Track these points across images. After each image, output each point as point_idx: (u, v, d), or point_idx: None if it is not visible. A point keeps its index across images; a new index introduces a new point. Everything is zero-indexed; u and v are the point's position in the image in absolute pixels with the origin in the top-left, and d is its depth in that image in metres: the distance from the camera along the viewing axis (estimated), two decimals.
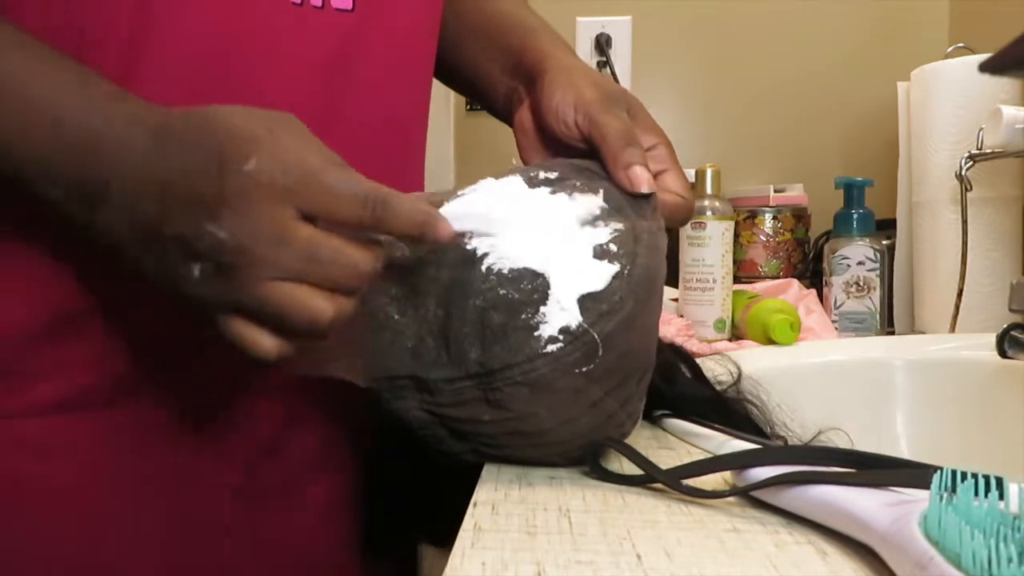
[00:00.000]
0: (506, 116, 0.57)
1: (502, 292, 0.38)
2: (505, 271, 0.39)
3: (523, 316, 0.38)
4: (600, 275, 0.39)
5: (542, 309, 0.38)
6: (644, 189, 0.43)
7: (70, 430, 0.46)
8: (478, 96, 0.61)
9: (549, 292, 0.38)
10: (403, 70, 0.54)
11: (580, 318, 0.37)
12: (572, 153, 0.49)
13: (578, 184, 0.43)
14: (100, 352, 0.46)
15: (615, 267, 0.39)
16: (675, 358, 0.54)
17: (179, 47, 0.43)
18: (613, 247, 0.40)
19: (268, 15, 0.46)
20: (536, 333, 0.37)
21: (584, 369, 0.38)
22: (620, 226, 0.41)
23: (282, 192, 0.34)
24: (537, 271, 0.39)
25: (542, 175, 0.43)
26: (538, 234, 0.40)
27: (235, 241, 0.34)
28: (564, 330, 0.37)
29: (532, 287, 0.38)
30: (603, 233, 0.41)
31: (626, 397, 0.41)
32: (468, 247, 0.40)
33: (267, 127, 0.36)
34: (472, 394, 0.39)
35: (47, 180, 0.38)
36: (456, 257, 0.40)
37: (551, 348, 0.37)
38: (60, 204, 0.39)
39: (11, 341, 0.44)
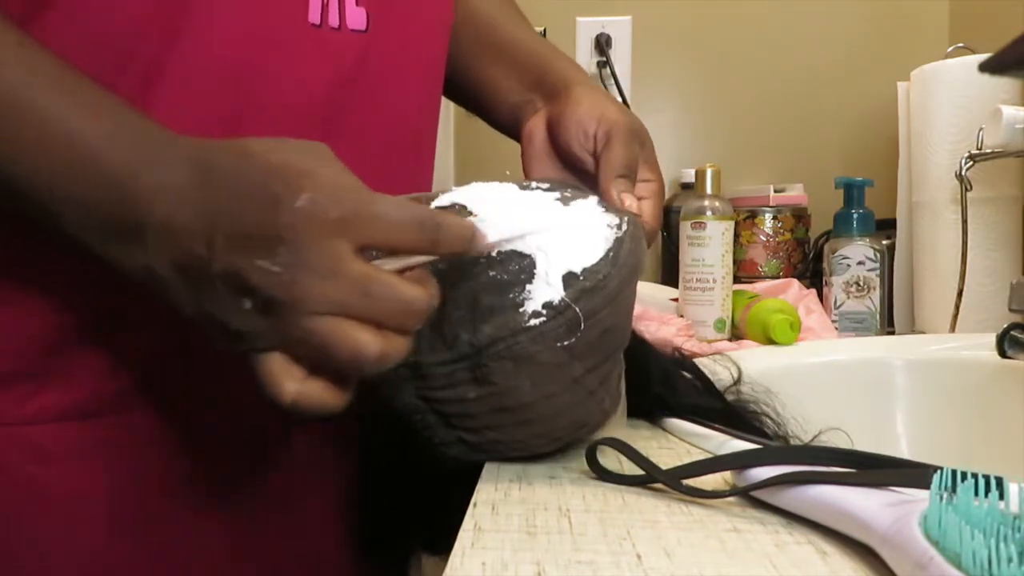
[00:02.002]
0: (510, 124, 0.59)
1: (492, 274, 0.40)
2: (495, 254, 0.40)
3: (511, 295, 0.39)
4: (587, 254, 0.40)
5: (528, 287, 0.39)
6: (629, 208, 0.46)
7: (79, 436, 0.46)
8: (477, 102, 0.62)
9: (535, 270, 0.39)
10: (414, 88, 0.55)
11: (563, 293, 0.38)
12: (575, 168, 0.52)
13: (568, 191, 0.46)
14: (110, 359, 0.46)
15: (602, 247, 0.40)
16: (681, 369, 0.54)
17: (203, 64, 0.44)
18: (601, 229, 0.42)
19: (289, 35, 0.47)
20: (521, 309, 0.38)
21: (566, 343, 0.38)
22: (609, 213, 0.44)
23: (336, 225, 0.33)
24: (525, 252, 0.40)
25: (535, 184, 0.47)
26: (529, 216, 0.42)
27: (288, 276, 0.33)
28: (547, 305, 0.38)
29: (520, 267, 0.40)
30: (592, 216, 0.43)
31: (606, 375, 0.42)
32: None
33: (309, 159, 0.35)
34: (462, 376, 0.39)
35: (79, 218, 0.37)
36: None
37: (534, 322, 0.38)
38: (93, 244, 0.38)
39: (24, 348, 0.45)
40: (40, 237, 0.44)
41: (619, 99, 1.16)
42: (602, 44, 1.22)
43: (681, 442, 0.48)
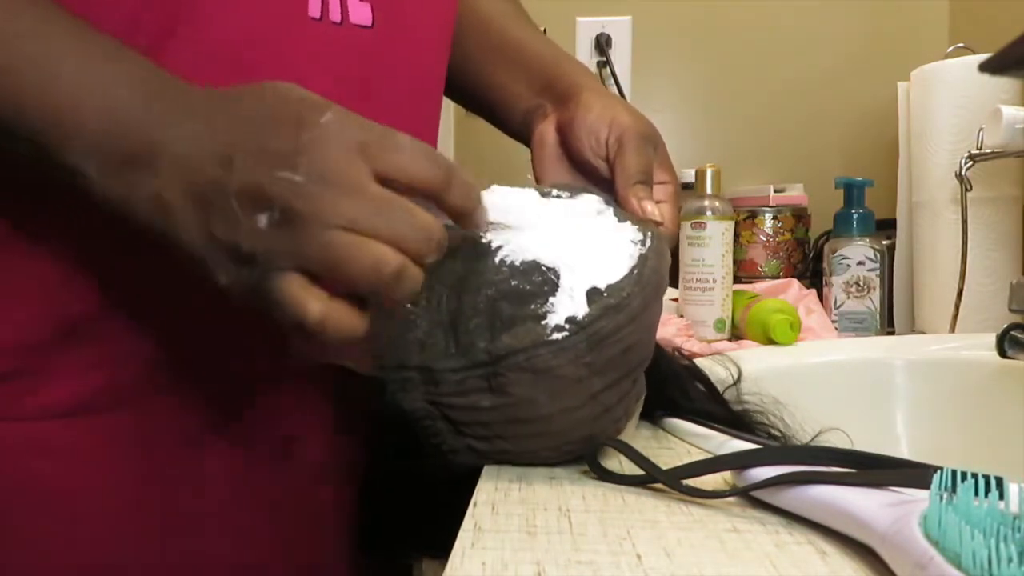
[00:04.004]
0: (520, 129, 0.59)
1: (514, 283, 0.39)
2: (518, 263, 0.40)
3: (532, 306, 0.39)
4: (611, 271, 0.40)
5: (551, 299, 0.39)
6: (652, 218, 0.46)
7: (83, 432, 0.46)
8: (490, 109, 0.62)
9: (559, 283, 0.39)
10: (418, 85, 0.55)
11: (588, 309, 0.38)
12: (585, 171, 0.52)
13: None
14: (115, 355, 0.46)
15: (626, 264, 0.40)
16: (692, 376, 0.54)
17: (199, 58, 0.44)
18: (625, 245, 0.41)
19: (288, 29, 0.46)
20: (543, 322, 0.38)
21: (587, 359, 0.38)
22: (632, 227, 0.43)
23: (358, 146, 0.34)
24: (549, 264, 0.40)
25: (555, 192, 0.46)
26: (553, 228, 0.42)
27: (310, 187, 0.33)
28: (571, 320, 0.38)
29: (543, 279, 0.39)
30: (616, 231, 0.43)
31: (624, 392, 0.41)
32: (483, 240, 0.41)
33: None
34: (475, 383, 0.39)
35: (86, 151, 0.36)
36: (470, 250, 0.41)
37: (556, 336, 0.38)
38: (97, 178, 0.37)
39: (26, 344, 0.44)
40: (42, 232, 0.44)
41: None
42: (602, 44, 1.22)
43: (681, 442, 0.48)
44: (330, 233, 0.33)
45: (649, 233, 0.43)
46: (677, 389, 0.52)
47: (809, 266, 1.09)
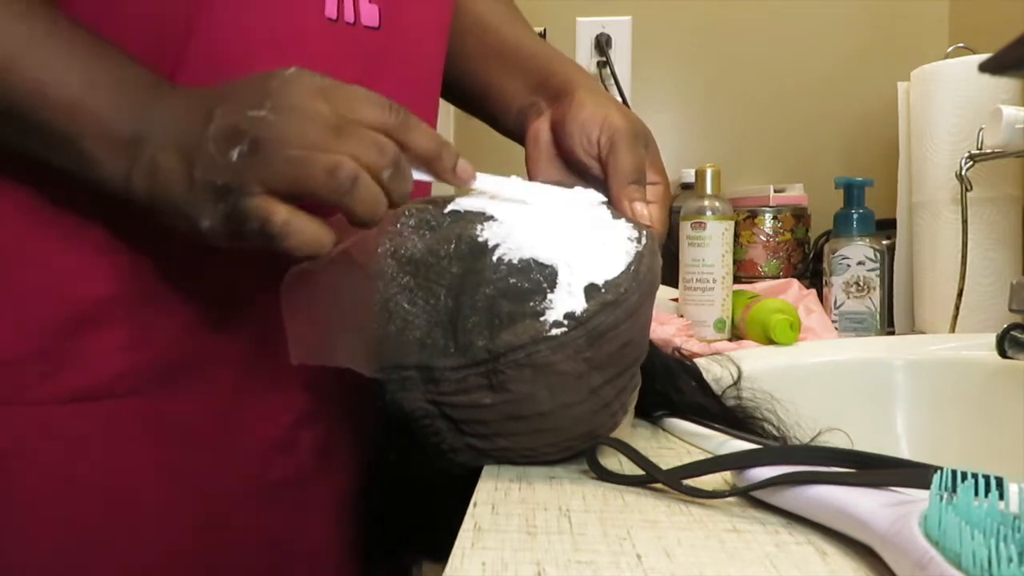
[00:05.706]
0: (514, 128, 0.59)
1: (512, 281, 0.40)
2: (515, 261, 0.40)
3: (531, 303, 0.39)
4: (609, 267, 0.40)
5: (549, 296, 0.39)
6: (643, 221, 0.47)
7: (97, 418, 0.46)
8: (485, 108, 0.63)
9: (557, 280, 0.39)
10: (418, 86, 0.56)
11: (586, 305, 0.38)
12: (577, 169, 0.52)
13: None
14: (131, 342, 0.46)
15: (623, 261, 0.40)
16: (683, 369, 0.54)
17: (218, 55, 0.45)
18: (622, 242, 0.42)
19: (305, 28, 0.47)
20: (542, 318, 0.38)
21: (586, 355, 0.39)
22: (628, 224, 0.44)
23: (316, 90, 0.39)
24: (546, 261, 0.40)
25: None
26: (549, 225, 0.42)
27: (274, 117, 0.38)
28: (569, 315, 0.38)
29: (541, 276, 0.40)
30: (613, 227, 0.43)
31: (622, 387, 0.42)
32: (480, 239, 0.41)
33: None
34: (476, 381, 0.39)
35: (98, 142, 0.41)
36: (467, 248, 0.41)
37: (555, 332, 0.38)
38: (103, 161, 0.41)
39: (42, 329, 0.45)
40: (63, 219, 0.45)
41: (619, 100, 1.16)
42: (602, 44, 1.22)
43: (681, 442, 0.48)
44: (290, 151, 0.37)
45: (644, 231, 0.43)
46: (669, 384, 0.52)
47: (809, 266, 1.09)
